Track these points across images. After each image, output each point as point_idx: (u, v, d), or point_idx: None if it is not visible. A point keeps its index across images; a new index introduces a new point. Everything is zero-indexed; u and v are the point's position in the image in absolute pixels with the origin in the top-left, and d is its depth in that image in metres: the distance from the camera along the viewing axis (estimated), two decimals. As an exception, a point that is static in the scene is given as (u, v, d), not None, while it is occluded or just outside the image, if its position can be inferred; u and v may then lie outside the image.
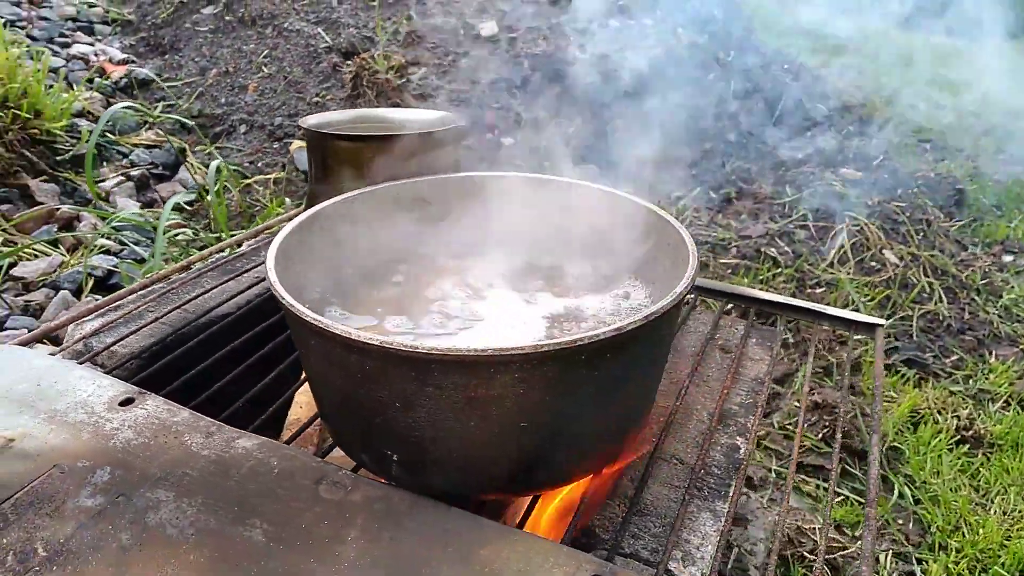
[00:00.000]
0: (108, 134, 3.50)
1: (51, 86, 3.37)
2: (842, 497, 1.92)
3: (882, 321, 1.44)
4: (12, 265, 2.46)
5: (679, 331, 1.45)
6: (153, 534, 0.84)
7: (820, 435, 2.07)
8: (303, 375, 1.25)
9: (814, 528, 1.72)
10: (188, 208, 3.13)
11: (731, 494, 1.04)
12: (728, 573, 1.41)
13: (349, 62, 3.87)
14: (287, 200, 3.19)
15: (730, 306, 1.57)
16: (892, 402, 2.21)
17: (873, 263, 2.78)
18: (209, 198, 2.98)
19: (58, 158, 3.13)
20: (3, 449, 0.95)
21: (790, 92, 3.90)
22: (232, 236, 2.35)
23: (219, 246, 1.62)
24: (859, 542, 1.73)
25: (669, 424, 1.16)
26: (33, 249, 2.56)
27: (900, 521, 1.87)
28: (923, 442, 2.07)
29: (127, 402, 1.04)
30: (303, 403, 1.33)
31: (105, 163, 3.40)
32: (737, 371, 1.33)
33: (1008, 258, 3.20)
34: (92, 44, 4.52)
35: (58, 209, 2.79)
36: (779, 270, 2.73)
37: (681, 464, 1.10)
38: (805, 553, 1.66)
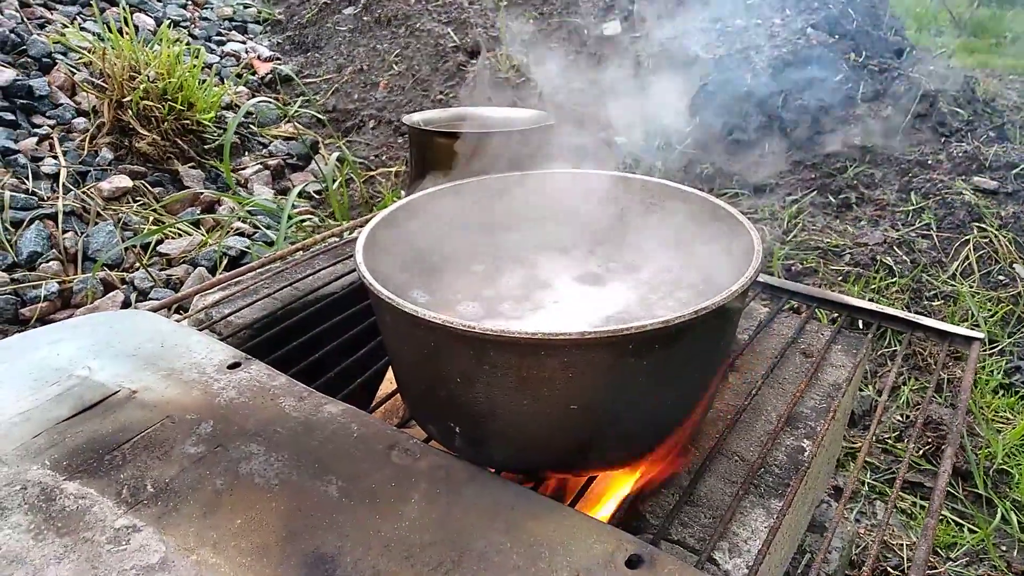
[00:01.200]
0: (251, 126, 3.78)
1: (204, 81, 3.69)
2: (941, 517, 1.85)
3: (980, 335, 1.39)
4: (159, 242, 2.73)
5: (761, 333, 1.45)
6: (243, 481, 0.94)
7: (922, 452, 2.00)
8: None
9: (902, 544, 1.67)
10: (317, 196, 3.35)
11: (788, 494, 1.05)
12: (797, 577, 1.41)
13: (473, 61, 4.01)
14: (402, 192, 3.36)
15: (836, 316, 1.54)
16: (1007, 424, 2.09)
17: (1001, 277, 2.62)
18: (332, 187, 3.18)
19: (206, 147, 3.42)
20: (129, 399, 1.09)
21: (929, 94, 3.70)
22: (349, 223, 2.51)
23: (331, 232, 1.76)
24: (948, 563, 1.67)
25: (735, 421, 1.18)
26: (178, 228, 2.83)
27: (1004, 547, 1.79)
28: (1039, 468, 1.95)
29: (234, 366, 1.17)
30: (392, 378, 1.43)
31: (247, 153, 3.68)
32: (816, 376, 1.33)
33: None
34: (244, 42, 4.88)
35: (202, 193, 3.06)
36: (894, 280, 2.62)
37: (742, 461, 1.12)
38: (889, 568, 1.62)
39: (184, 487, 0.94)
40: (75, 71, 3.44)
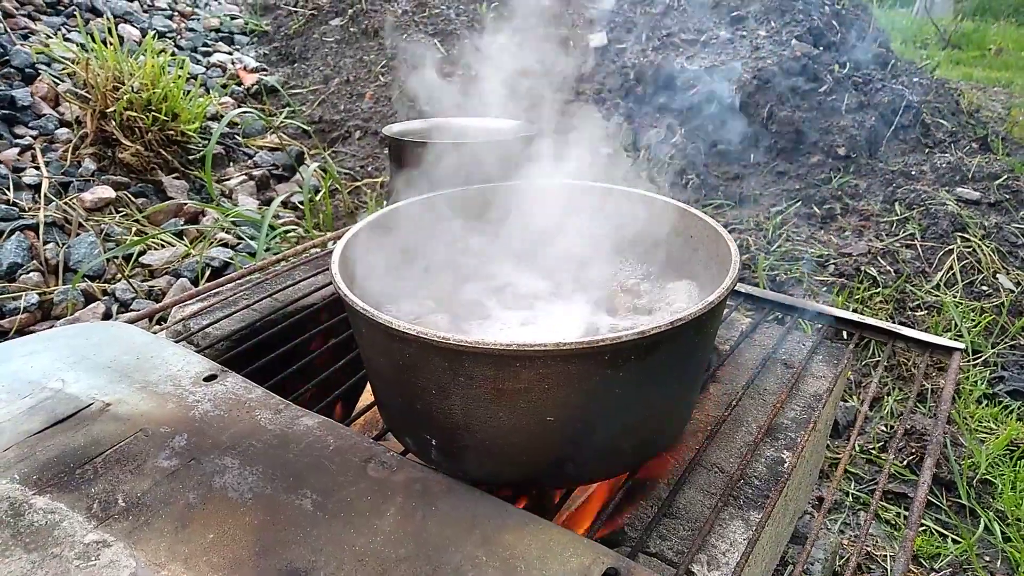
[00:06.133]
0: (236, 137, 3.77)
1: (189, 91, 3.67)
2: (924, 528, 1.85)
3: (960, 345, 1.39)
4: (142, 253, 2.71)
5: (743, 343, 1.45)
6: (216, 495, 0.93)
7: (906, 462, 2.00)
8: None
9: (886, 555, 1.66)
10: (302, 207, 3.33)
11: (767, 505, 1.05)
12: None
13: (460, 71, 4.01)
14: (384, 203, 3.35)
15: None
16: (990, 434, 2.10)
17: (984, 287, 2.64)
18: (314, 198, 3.16)
19: (190, 157, 3.40)
20: (101, 412, 1.08)
21: (912, 106, 3.73)
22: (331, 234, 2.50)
23: (312, 243, 1.74)
24: (932, 574, 1.66)
25: (715, 433, 1.17)
26: (161, 239, 2.81)
27: (987, 557, 1.78)
28: (1022, 478, 1.95)
29: (210, 378, 1.15)
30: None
31: (232, 163, 3.66)
32: (797, 386, 1.32)
33: None
34: (231, 53, 4.87)
35: (185, 204, 3.04)
36: (877, 290, 2.63)
37: (721, 472, 1.11)
38: (873, 580, 1.62)
39: (156, 501, 0.92)
40: (58, 81, 3.42)
